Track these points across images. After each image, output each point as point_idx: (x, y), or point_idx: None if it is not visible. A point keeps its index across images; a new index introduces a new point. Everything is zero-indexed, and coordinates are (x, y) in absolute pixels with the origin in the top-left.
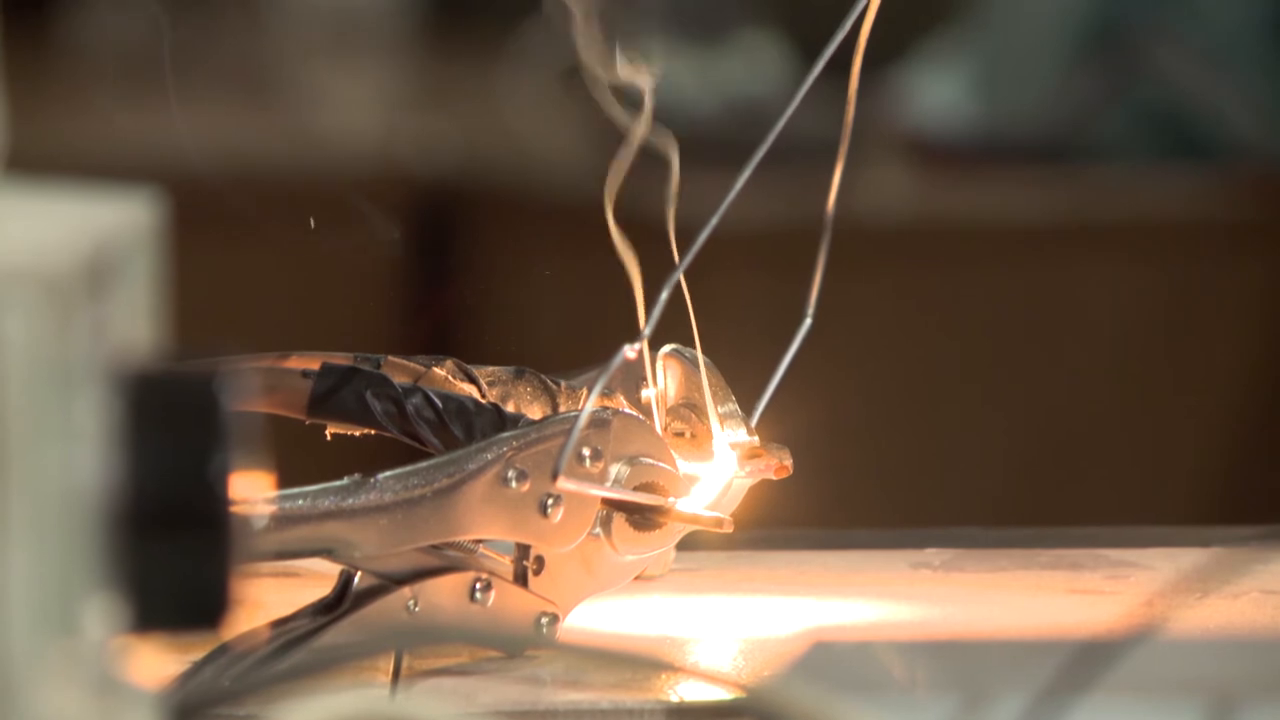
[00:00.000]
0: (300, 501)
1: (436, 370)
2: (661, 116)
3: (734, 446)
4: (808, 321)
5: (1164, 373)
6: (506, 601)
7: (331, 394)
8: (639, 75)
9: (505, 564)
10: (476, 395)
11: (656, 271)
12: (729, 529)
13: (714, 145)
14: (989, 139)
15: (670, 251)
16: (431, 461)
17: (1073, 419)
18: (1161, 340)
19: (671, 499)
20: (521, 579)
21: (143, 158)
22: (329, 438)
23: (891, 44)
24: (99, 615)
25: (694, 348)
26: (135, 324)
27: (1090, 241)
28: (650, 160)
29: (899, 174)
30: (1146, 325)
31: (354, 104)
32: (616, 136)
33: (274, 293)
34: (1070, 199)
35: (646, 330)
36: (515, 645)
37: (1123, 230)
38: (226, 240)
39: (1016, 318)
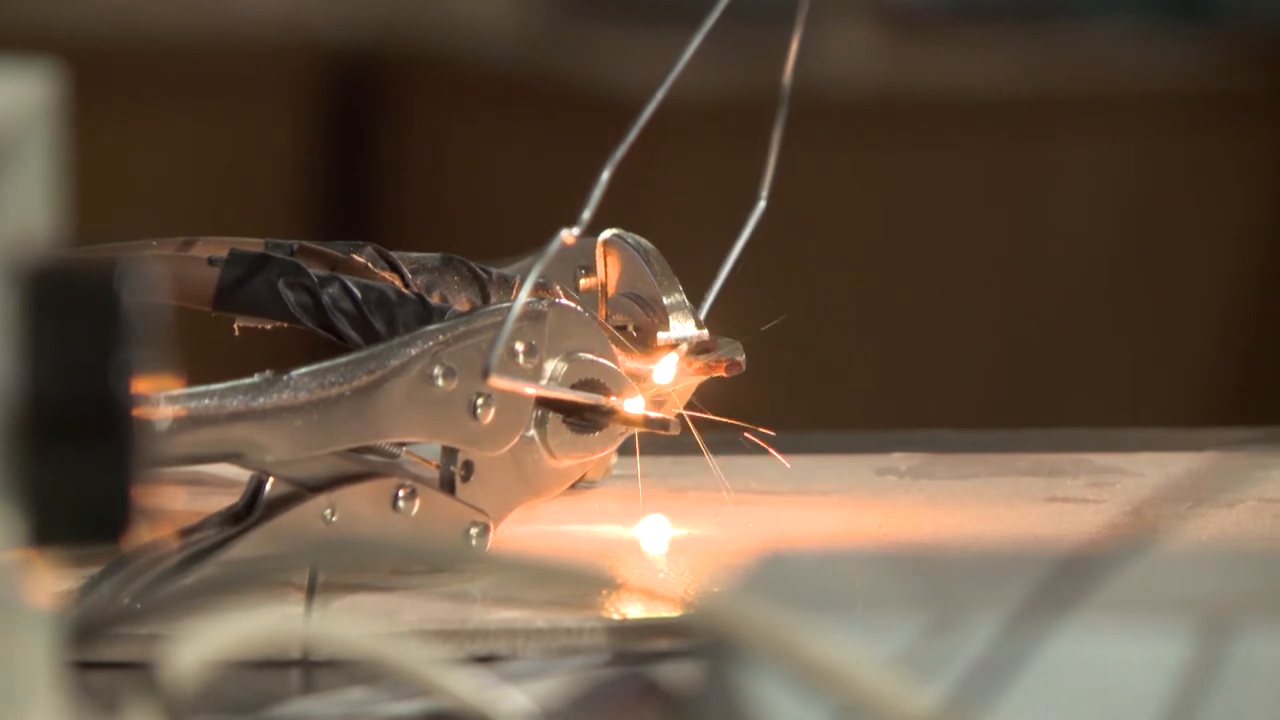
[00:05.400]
0: (206, 401)
1: (355, 257)
2: None
3: (681, 341)
4: (761, 203)
5: (1155, 260)
6: (432, 510)
7: (240, 283)
8: None
9: (431, 470)
10: (399, 285)
11: (597, 145)
12: (676, 431)
13: (662, 3)
14: None
15: (613, 123)
16: (350, 357)
17: (1054, 310)
18: (1153, 224)
19: (613, 398)
20: (448, 486)
21: (39, 27)
22: (237, 331)
23: None
24: None
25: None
26: (29, 210)
27: (1077, 114)
28: (590, 21)
29: (865, 37)
30: (1137, 207)
31: None
32: None
33: (177, 173)
34: (1055, 65)
35: (586, 213)
36: (442, 558)
37: (1113, 101)
38: (128, 116)
39: (993, 198)
